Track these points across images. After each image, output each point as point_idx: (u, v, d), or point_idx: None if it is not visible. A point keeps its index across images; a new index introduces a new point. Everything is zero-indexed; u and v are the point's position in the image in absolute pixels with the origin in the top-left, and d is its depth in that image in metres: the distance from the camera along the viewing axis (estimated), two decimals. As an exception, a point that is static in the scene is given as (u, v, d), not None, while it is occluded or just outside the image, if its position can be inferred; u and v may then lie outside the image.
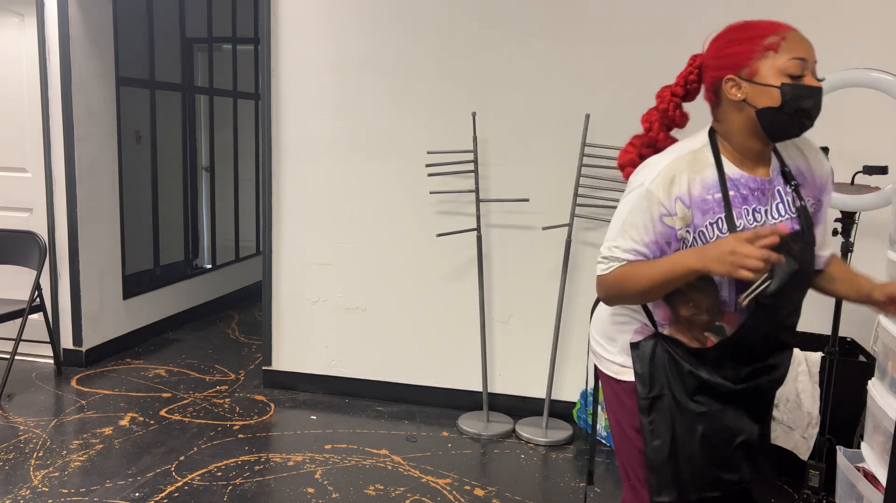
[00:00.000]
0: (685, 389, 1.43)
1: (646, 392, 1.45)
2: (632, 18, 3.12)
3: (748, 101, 1.40)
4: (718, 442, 1.43)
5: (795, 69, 1.39)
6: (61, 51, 3.71)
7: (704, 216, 1.39)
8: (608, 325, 1.57)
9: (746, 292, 1.32)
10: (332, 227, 3.56)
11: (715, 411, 1.43)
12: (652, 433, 1.45)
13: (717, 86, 1.46)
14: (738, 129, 1.43)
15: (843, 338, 3.00)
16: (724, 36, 1.47)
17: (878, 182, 2.62)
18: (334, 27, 3.42)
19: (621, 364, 1.53)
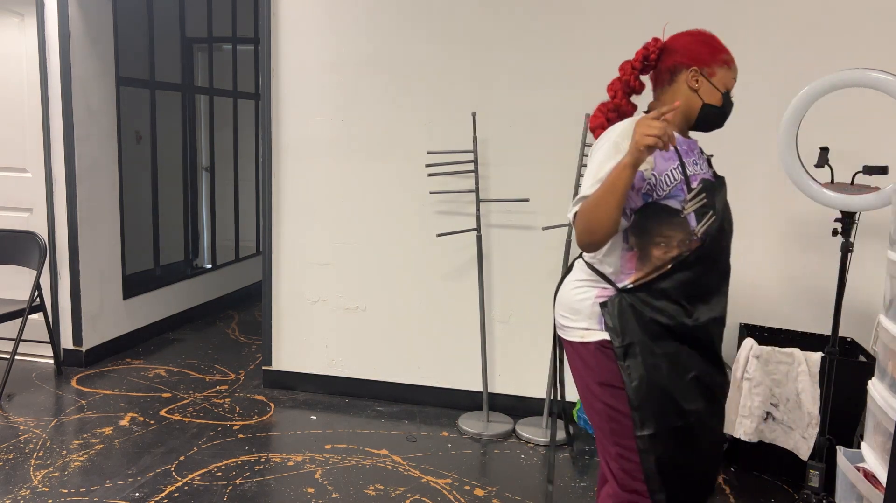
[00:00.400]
0: (649, 335, 1.69)
1: (619, 341, 1.70)
2: (632, 18, 3.12)
3: (699, 93, 1.76)
4: (677, 377, 1.70)
5: (731, 86, 1.79)
6: (61, 51, 3.71)
7: (667, 163, 1.70)
8: (571, 301, 1.80)
9: (701, 223, 1.70)
10: (332, 227, 3.56)
11: (672, 351, 1.70)
12: (629, 376, 1.69)
13: (676, 70, 1.77)
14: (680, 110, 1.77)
15: (843, 338, 3.00)
16: (697, 36, 1.78)
17: (878, 182, 2.62)
18: (334, 27, 3.42)
19: (585, 328, 1.76)
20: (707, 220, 1.70)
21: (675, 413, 1.69)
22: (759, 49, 3.02)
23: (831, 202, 2.42)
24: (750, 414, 2.81)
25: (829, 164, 2.49)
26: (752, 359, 2.82)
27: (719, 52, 1.77)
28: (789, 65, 3.00)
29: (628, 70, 1.84)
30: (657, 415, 1.68)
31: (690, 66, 1.75)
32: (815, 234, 3.06)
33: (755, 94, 3.05)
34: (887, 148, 2.94)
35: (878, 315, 2.29)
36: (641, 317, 1.69)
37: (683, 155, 1.74)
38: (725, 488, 2.81)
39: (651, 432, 1.68)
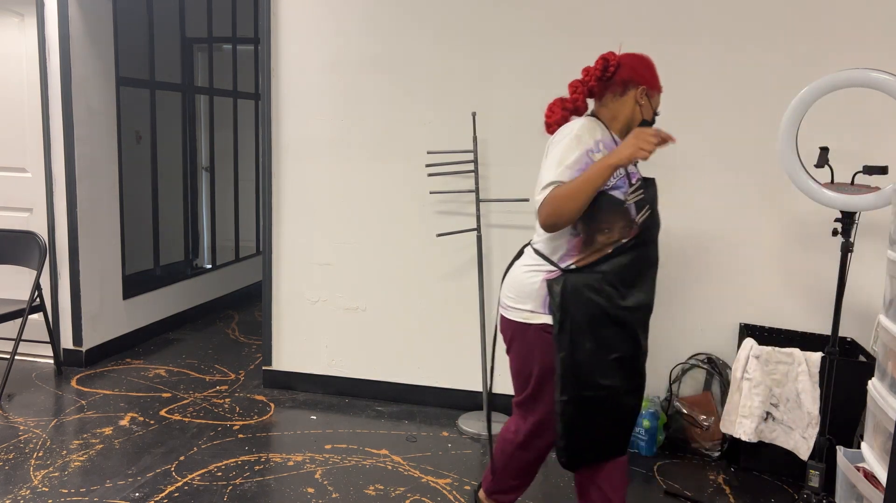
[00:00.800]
0: (585, 315, 1.92)
1: (558, 316, 1.93)
2: (632, 18, 3.12)
3: (640, 109, 2.07)
4: (600, 356, 1.94)
5: (657, 108, 2.15)
6: (61, 51, 3.71)
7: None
8: (521, 283, 2.03)
9: (639, 213, 1.97)
10: (332, 227, 3.56)
11: (601, 333, 1.94)
12: (559, 348, 1.94)
13: (629, 85, 2.05)
14: (625, 118, 2.06)
15: (843, 338, 3.00)
16: (643, 61, 2.09)
17: (878, 182, 2.62)
18: (334, 27, 3.42)
19: (531, 310, 2.00)
20: (644, 212, 1.99)
21: (590, 385, 1.95)
22: (760, 49, 3.02)
23: (831, 202, 2.42)
24: (750, 414, 2.81)
25: (829, 164, 2.49)
26: (752, 359, 2.82)
27: (658, 79, 2.12)
28: (789, 65, 3.00)
29: (592, 75, 2.06)
30: (575, 385, 1.94)
31: (641, 85, 2.05)
32: (815, 234, 3.06)
33: (755, 94, 3.05)
34: (887, 148, 2.94)
35: (878, 315, 2.29)
36: (580, 296, 1.92)
37: None
38: (725, 488, 2.81)
39: (567, 398, 1.95)
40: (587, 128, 1.95)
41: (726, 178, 3.13)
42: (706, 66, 3.09)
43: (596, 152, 1.92)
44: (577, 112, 2.08)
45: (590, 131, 1.94)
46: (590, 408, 1.97)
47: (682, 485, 2.82)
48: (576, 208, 1.85)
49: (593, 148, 1.92)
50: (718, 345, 3.22)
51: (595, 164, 1.84)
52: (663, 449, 3.15)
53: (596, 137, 1.95)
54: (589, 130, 1.94)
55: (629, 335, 1.97)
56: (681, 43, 3.10)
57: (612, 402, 1.98)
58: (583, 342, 1.93)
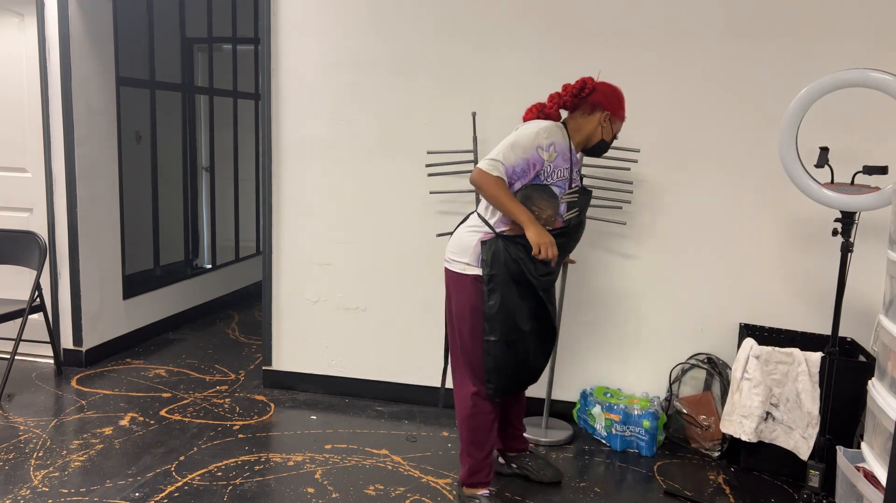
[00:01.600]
0: (508, 271, 2.38)
1: (488, 270, 2.39)
2: (631, 18, 3.12)
3: (602, 130, 2.50)
4: (520, 304, 2.41)
5: (618, 132, 2.58)
6: (61, 51, 3.71)
7: (564, 162, 2.43)
8: (463, 241, 2.46)
9: (569, 213, 2.46)
10: (332, 227, 3.56)
11: (519, 287, 2.40)
12: (489, 296, 2.39)
13: (597, 108, 2.48)
14: (586, 134, 2.50)
15: (843, 338, 3.00)
16: (618, 93, 2.51)
17: (878, 182, 2.62)
18: (334, 27, 3.42)
19: (467, 263, 2.43)
20: (571, 213, 2.47)
21: (513, 329, 2.41)
22: (760, 49, 3.02)
23: (831, 202, 2.42)
24: (750, 414, 2.81)
25: (829, 164, 2.49)
26: (751, 359, 2.82)
27: (623, 110, 2.52)
28: (789, 65, 3.00)
29: (568, 92, 2.47)
30: (501, 328, 2.40)
31: (607, 111, 2.47)
32: (815, 233, 3.06)
33: (755, 94, 3.05)
34: (887, 148, 2.94)
35: (878, 315, 2.29)
36: (506, 256, 2.37)
37: (574, 164, 2.47)
38: (725, 488, 2.81)
39: (495, 339, 2.41)
40: (549, 130, 2.39)
41: (726, 177, 3.13)
42: (706, 65, 3.09)
43: (546, 150, 2.36)
44: (548, 118, 2.49)
45: (550, 134, 2.38)
46: (514, 349, 2.44)
47: (682, 485, 2.82)
48: (491, 202, 2.37)
49: (544, 146, 2.36)
50: (718, 345, 3.22)
51: (526, 216, 2.32)
52: (663, 449, 3.15)
53: (552, 140, 2.38)
54: (550, 133, 2.38)
55: (534, 292, 2.43)
56: (681, 42, 3.10)
57: (528, 343, 2.47)
58: (508, 293, 2.38)
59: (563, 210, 2.44)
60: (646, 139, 3.17)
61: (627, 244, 3.27)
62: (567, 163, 2.42)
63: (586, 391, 3.32)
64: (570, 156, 2.44)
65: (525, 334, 2.44)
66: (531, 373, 2.57)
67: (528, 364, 2.52)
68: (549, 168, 2.37)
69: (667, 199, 3.20)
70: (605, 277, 3.30)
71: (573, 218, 2.47)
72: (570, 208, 2.46)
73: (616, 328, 3.33)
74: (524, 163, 2.35)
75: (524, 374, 2.54)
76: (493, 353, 2.42)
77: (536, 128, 2.38)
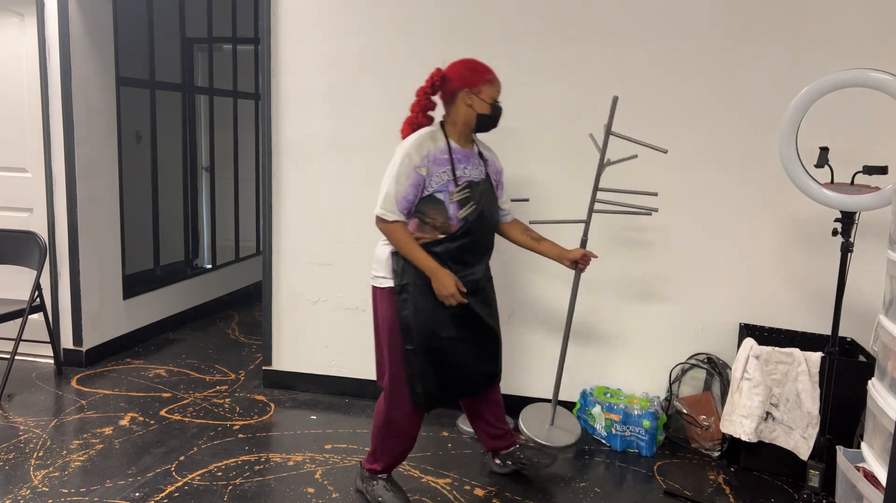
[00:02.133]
0: (423, 280, 2.36)
1: (398, 280, 2.38)
2: (631, 18, 3.12)
3: (472, 106, 2.42)
4: (438, 312, 2.39)
5: (496, 97, 2.47)
6: (61, 51, 3.71)
7: (439, 167, 2.37)
8: (378, 255, 2.46)
9: (462, 209, 2.39)
10: (332, 227, 3.56)
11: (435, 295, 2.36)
12: (403, 306, 2.37)
13: (455, 93, 2.42)
14: (461, 121, 2.44)
15: (843, 338, 3.00)
16: (464, 65, 2.44)
17: (878, 182, 2.62)
18: (334, 27, 3.42)
19: (384, 276, 2.43)
20: (468, 208, 2.40)
21: (432, 336, 2.39)
22: (759, 49, 3.02)
23: (831, 202, 2.42)
24: (750, 414, 2.81)
25: (829, 164, 2.49)
26: (751, 359, 2.82)
27: (483, 73, 2.43)
28: (789, 65, 3.00)
29: (422, 94, 2.47)
30: (419, 337, 2.37)
31: (463, 88, 2.39)
32: (815, 233, 3.06)
33: (755, 94, 3.05)
34: (887, 148, 2.94)
35: (878, 315, 2.29)
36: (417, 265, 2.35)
37: (457, 162, 2.41)
38: (725, 488, 2.81)
39: (412, 348, 2.38)
40: (418, 144, 2.36)
41: (726, 177, 3.13)
42: (706, 65, 3.09)
43: (422, 167, 2.33)
44: (420, 126, 2.47)
45: (419, 147, 2.35)
46: (435, 356, 2.41)
47: (682, 485, 2.82)
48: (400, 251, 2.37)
49: (420, 164, 2.33)
50: (718, 345, 3.22)
51: (431, 265, 2.32)
52: (663, 449, 3.15)
53: (423, 153, 2.34)
54: (419, 146, 2.35)
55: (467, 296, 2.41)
56: (681, 42, 3.10)
57: (457, 349, 2.44)
58: (423, 301, 2.37)
59: (454, 211, 2.39)
60: (646, 139, 3.16)
61: (627, 244, 3.27)
62: (444, 165, 2.38)
63: (586, 391, 3.32)
64: (449, 155, 2.39)
65: (449, 341, 2.42)
66: (470, 380, 2.54)
67: (460, 371, 2.48)
68: (427, 181, 2.36)
69: (667, 199, 3.20)
70: (604, 277, 3.30)
71: (471, 213, 2.40)
72: (462, 205, 2.39)
73: (616, 328, 3.33)
74: (413, 188, 2.34)
75: (456, 382, 2.50)
76: (413, 363, 2.39)
77: (405, 151, 2.35)
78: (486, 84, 2.43)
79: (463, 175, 2.42)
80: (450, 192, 2.37)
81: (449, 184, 2.38)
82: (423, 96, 2.47)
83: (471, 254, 2.45)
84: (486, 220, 2.48)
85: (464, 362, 2.48)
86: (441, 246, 2.39)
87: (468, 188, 2.41)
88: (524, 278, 3.38)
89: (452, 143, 2.44)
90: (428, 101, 2.48)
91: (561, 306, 3.33)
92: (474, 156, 2.50)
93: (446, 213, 2.38)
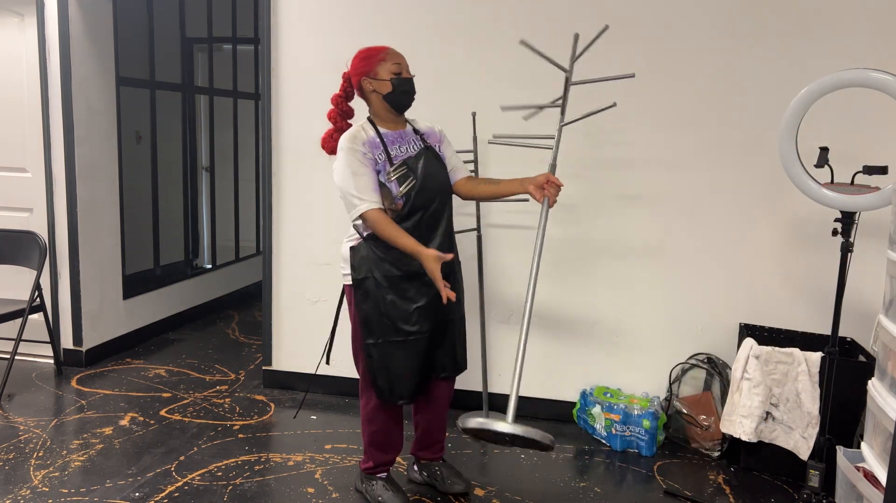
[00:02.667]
0: (380, 272, 2.36)
1: (356, 275, 2.38)
2: (630, 18, 3.12)
3: (376, 90, 2.41)
4: (403, 305, 2.38)
5: (396, 69, 2.40)
6: (61, 51, 3.71)
7: (374, 151, 2.38)
8: (342, 253, 2.46)
9: (402, 186, 2.36)
10: (332, 227, 3.56)
11: (401, 286, 2.37)
12: (362, 300, 2.38)
13: (360, 86, 2.45)
14: (377, 108, 2.45)
15: (843, 338, 3.00)
16: (357, 57, 2.44)
17: (878, 182, 2.62)
18: (334, 27, 3.42)
19: (347, 273, 2.43)
20: (408, 184, 2.36)
21: (394, 331, 2.37)
22: (759, 49, 3.02)
23: (831, 202, 2.42)
24: (750, 414, 2.81)
25: (829, 164, 2.49)
26: (751, 358, 2.82)
27: (372, 56, 2.40)
28: (789, 65, 3.00)
29: (337, 100, 2.54)
30: (379, 330, 2.37)
31: (363, 77, 2.41)
32: (815, 234, 3.06)
33: (755, 94, 3.05)
34: (887, 148, 2.94)
35: (878, 315, 2.29)
36: (376, 258, 2.36)
37: (389, 146, 2.40)
38: (725, 488, 2.81)
39: (373, 342, 2.39)
40: (350, 138, 2.37)
41: (726, 177, 3.13)
42: (705, 65, 3.09)
43: (367, 152, 2.35)
44: (341, 131, 2.49)
45: (353, 139, 2.36)
46: (396, 350, 2.39)
47: (682, 485, 2.82)
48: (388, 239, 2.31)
49: (363, 150, 2.34)
50: (718, 345, 3.22)
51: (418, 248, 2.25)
52: (663, 449, 3.15)
53: (360, 141, 2.36)
54: (352, 139, 2.36)
55: (425, 284, 2.36)
56: (681, 43, 3.10)
57: (417, 345, 2.40)
58: (385, 295, 2.36)
59: (395, 189, 2.35)
60: (646, 139, 3.17)
61: (627, 243, 3.26)
62: (378, 148, 2.37)
63: (586, 391, 3.32)
64: (380, 139, 2.39)
65: (414, 335, 2.39)
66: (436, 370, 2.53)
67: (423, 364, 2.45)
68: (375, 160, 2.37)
69: (666, 199, 3.20)
70: (604, 277, 3.30)
71: (411, 188, 2.35)
72: (402, 182, 2.36)
73: (616, 328, 3.33)
74: (372, 175, 2.34)
75: (422, 375, 2.47)
76: (375, 356, 2.40)
77: (344, 149, 2.35)
78: (380, 63, 2.39)
79: (398, 154, 2.40)
80: (387, 171, 2.35)
81: (385, 164, 2.36)
82: (340, 101, 2.53)
83: (425, 230, 2.40)
84: (429, 190, 2.40)
85: (428, 356, 2.46)
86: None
87: (404, 164, 2.37)
88: (523, 279, 3.38)
89: (381, 129, 2.43)
90: (346, 106, 2.54)
91: (561, 306, 3.33)
92: (409, 134, 2.48)
93: (391, 194, 2.35)
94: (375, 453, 2.59)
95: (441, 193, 2.46)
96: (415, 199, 2.36)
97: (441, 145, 2.57)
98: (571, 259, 3.31)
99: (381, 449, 2.59)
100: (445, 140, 2.60)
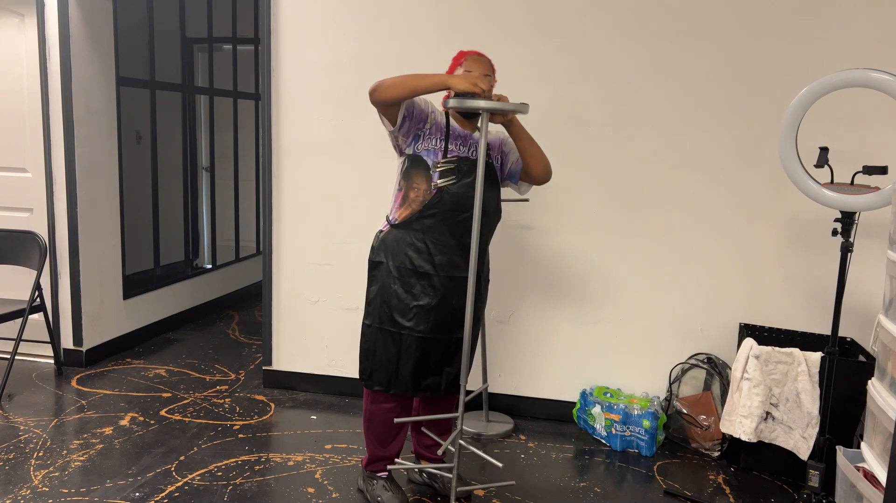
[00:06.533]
0: (394, 262, 2.36)
1: (374, 257, 2.42)
2: (630, 18, 3.12)
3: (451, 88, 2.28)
4: (404, 299, 2.36)
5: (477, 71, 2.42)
6: (61, 51, 3.71)
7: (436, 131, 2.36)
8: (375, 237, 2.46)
9: (442, 179, 2.31)
10: (332, 227, 3.56)
11: (408, 281, 2.36)
12: (372, 281, 2.42)
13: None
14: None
15: (843, 338, 3.00)
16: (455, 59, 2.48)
17: (878, 182, 2.62)
18: (335, 27, 3.42)
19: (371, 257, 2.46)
20: (447, 180, 2.32)
21: (388, 320, 2.38)
22: (759, 49, 3.02)
23: (831, 202, 2.42)
24: (750, 414, 2.81)
25: (829, 164, 2.49)
26: (751, 358, 2.82)
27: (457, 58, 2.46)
28: (789, 65, 3.00)
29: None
30: (377, 316, 2.40)
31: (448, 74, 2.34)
32: (815, 234, 3.06)
33: (755, 94, 3.05)
34: (887, 148, 2.94)
35: (878, 315, 2.29)
36: (398, 247, 2.36)
37: (453, 138, 2.37)
38: (725, 488, 2.81)
39: (368, 324, 2.43)
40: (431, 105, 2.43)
41: (726, 177, 3.13)
42: (706, 65, 3.09)
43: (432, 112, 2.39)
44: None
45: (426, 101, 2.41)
46: (386, 339, 2.39)
47: (682, 485, 2.82)
48: (394, 93, 2.21)
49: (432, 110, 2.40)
50: (718, 345, 3.23)
51: (436, 77, 2.19)
52: (663, 449, 3.15)
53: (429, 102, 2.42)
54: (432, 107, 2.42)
55: (432, 287, 2.36)
56: (681, 43, 3.10)
57: (408, 341, 2.38)
58: (391, 285, 2.37)
59: (437, 178, 2.31)
60: (646, 139, 3.17)
61: (627, 244, 3.27)
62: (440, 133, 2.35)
63: (586, 391, 3.32)
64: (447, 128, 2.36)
65: (406, 330, 2.35)
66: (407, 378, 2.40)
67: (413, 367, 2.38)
68: (422, 130, 2.34)
69: (666, 199, 3.20)
70: (604, 277, 3.30)
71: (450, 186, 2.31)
72: (444, 176, 2.31)
73: (616, 328, 3.33)
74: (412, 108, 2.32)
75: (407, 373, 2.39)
76: (366, 337, 2.44)
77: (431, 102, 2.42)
78: (457, 67, 2.44)
79: (454, 150, 2.36)
80: (436, 161, 2.31)
81: (437, 152, 2.33)
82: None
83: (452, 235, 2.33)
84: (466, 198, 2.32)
85: (422, 358, 2.39)
86: (420, 222, 2.32)
87: (456, 161, 2.33)
88: (523, 278, 3.38)
89: (452, 122, 2.42)
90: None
91: (561, 306, 3.33)
92: (472, 138, 2.42)
93: (430, 181, 2.31)
94: (373, 450, 2.59)
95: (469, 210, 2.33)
96: (447, 200, 2.31)
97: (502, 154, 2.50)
98: (571, 259, 3.31)
99: (380, 440, 2.57)
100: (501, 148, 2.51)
